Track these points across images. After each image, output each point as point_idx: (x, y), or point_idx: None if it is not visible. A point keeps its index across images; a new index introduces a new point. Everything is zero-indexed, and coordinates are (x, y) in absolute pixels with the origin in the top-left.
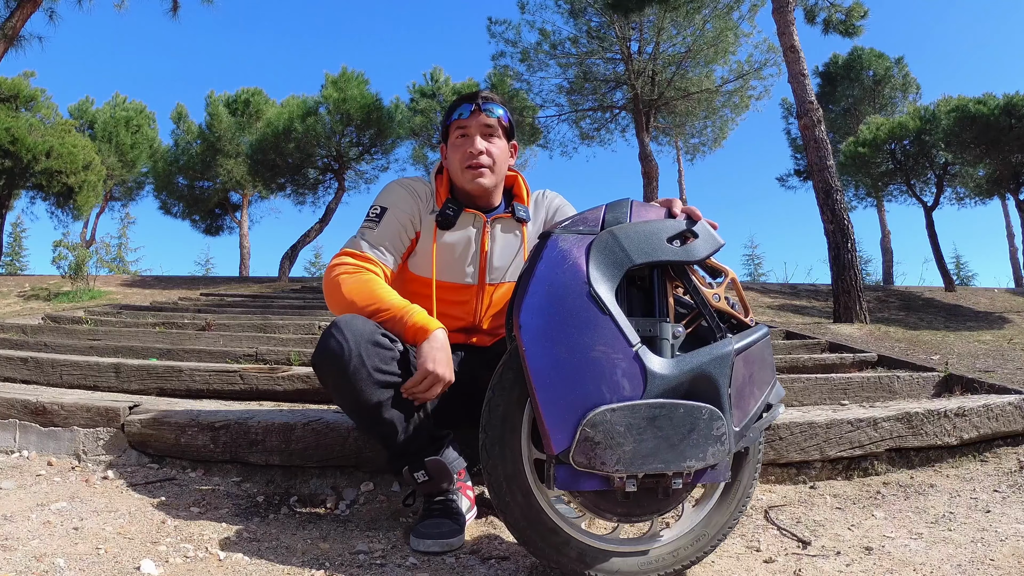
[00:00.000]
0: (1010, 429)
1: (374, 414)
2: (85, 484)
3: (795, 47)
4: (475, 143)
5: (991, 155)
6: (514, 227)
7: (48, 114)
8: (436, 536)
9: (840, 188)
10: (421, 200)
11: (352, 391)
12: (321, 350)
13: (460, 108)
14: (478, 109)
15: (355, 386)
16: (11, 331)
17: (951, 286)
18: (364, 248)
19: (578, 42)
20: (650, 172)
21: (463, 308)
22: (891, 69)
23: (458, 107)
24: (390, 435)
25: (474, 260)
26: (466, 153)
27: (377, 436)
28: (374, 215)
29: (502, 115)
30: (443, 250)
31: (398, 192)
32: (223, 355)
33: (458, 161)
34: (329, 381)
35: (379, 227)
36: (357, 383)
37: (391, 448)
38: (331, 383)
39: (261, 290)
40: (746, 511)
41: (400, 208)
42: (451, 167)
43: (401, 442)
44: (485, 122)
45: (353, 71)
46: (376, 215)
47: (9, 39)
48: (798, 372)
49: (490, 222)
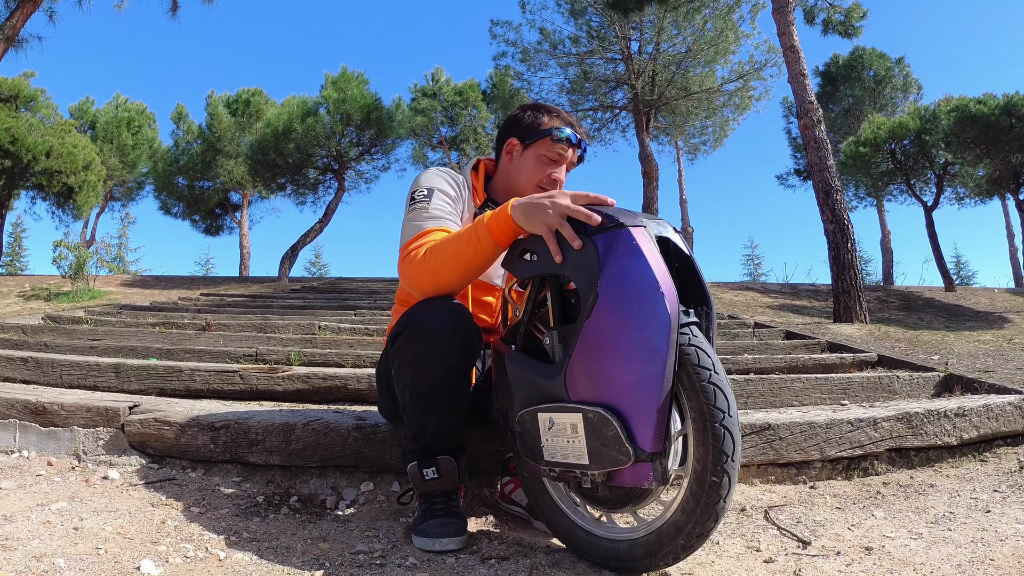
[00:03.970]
0: (1010, 429)
1: (439, 401)
2: (85, 484)
3: (795, 47)
4: (563, 174)
5: (991, 155)
6: None
7: (48, 114)
8: (445, 535)
9: (840, 188)
10: (461, 190)
11: (430, 373)
12: (420, 319)
13: (568, 131)
14: (580, 146)
15: (435, 371)
16: (11, 331)
17: (951, 286)
18: (427, 226)
19: (578, 42)
20: (650, 172)
21: (489, 310)
22: (892, 69)
23: (565, 126)
24: (438, 426)
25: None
26: (551, 179)
27: (423, 421)
28: (422, 196)
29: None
30: None
31: (439, 178)
32: (223, 355)
33: (537, 179)
34: (411, 353)
35: (432, 204)
36: (440, 368)
37: (426, 438)
38: (412, 355)
39: (261, 290)
40: (747, 511)
41: (446, 190)
42: (520, 173)
43: (440, 436)
44: (574, 160)
45: (353, 71)
46: (424, 196)
47: (9, 39)
48: (798, 372)
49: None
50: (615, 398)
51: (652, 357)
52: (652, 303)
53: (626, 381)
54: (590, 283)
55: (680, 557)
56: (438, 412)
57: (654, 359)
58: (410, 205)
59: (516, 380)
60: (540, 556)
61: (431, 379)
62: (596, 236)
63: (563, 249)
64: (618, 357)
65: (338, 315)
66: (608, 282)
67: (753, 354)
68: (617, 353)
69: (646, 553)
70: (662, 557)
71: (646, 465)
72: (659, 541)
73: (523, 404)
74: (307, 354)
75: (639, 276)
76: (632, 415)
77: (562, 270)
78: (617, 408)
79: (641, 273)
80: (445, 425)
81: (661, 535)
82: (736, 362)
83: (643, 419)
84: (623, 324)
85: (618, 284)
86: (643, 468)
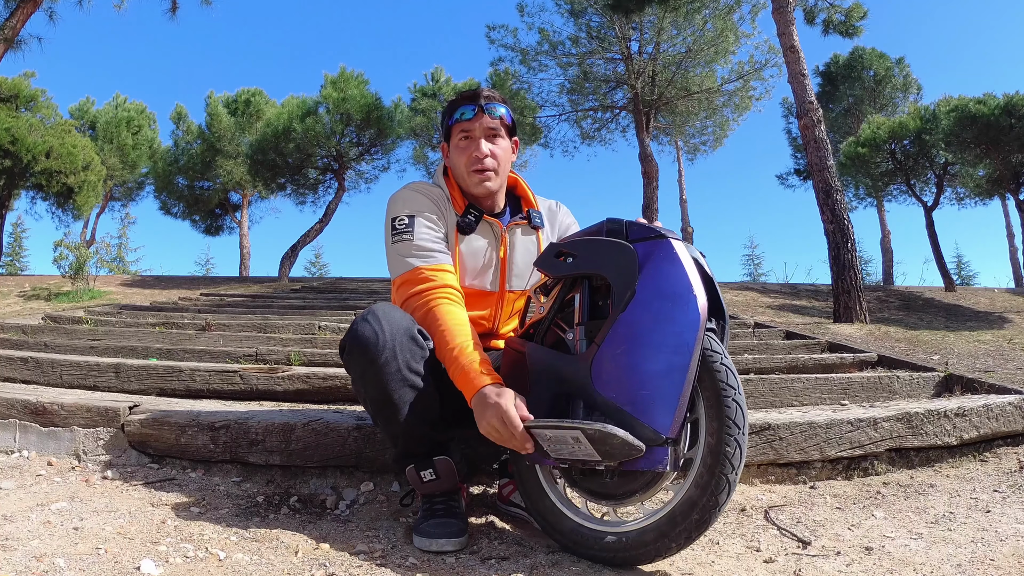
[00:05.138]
0: (1010, 429)
1: (394, 410)
2: (85, 484)
3: (795, 47)
4: (480, 147)
5: (991, 155)
6: (530, 233)
7: (48, 114)
8: (446, 535)
9: (840, 188)
10: (440, 205)
11: (378, 383)
12: (354, 335)
13: (461, 109)
14: (481, 111)
15: (382, 379)
16: (11, 331)
17: (951, 286)
18: (416, 263)
19: (578, 42)
20: (650, 172)
21: (483, 315)
22: (892, 69)
23: (459, 108)
24: (405, 433)
25: (495, 267)
26: (472, 157)
27: (391, 432)
28: (402, 225)
29: (504, 114)
30: (467, 256)
31: (415, 198)
32: (223, 355)
33: (464, 164)
34: (356, 368)
35: (415, 234)
36: (385, 376)
37: (401, 445)
38: (358, 371)
39: (261, 290)
40: (747, 511)
41: (425, 211)
42: (456, 169)
43: (414, 441)
44: (489, 124)
45: (352, 71)
46: (406, 225)
47: (9, 40)
48: (798, 372)
49: (507, 229)
50: (640, 385)
51: (680, 349)
52: (686, 303)
53: (653, 370)
54: (628, 282)
55: (693, 537)
56: (400, 418)
57: (682, 351)
58: (392, 233)
59: (539, 371)
60: (540, 556)
61: (381, 388)
62: (637, 244)
63: (601, 253)
64: (648, 347)
65: (338, 315)
66: (646, 282)
67: (753, 354)
68: (648, 343)
69: (658, 536)
70: (674, 537)
71: (663, 449)
72: (672, 521)
73: (542, 393)
74: (307, 354)
75: (676, 279)
76: (655, 401)
77: (600, 270)
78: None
79: (678, 276)
80: (413, 428)
81: (674, 514)
82: (736, 362)
83: (666, 405)
84: (657, 318)
85: (657, 284)
86: (659, 452)
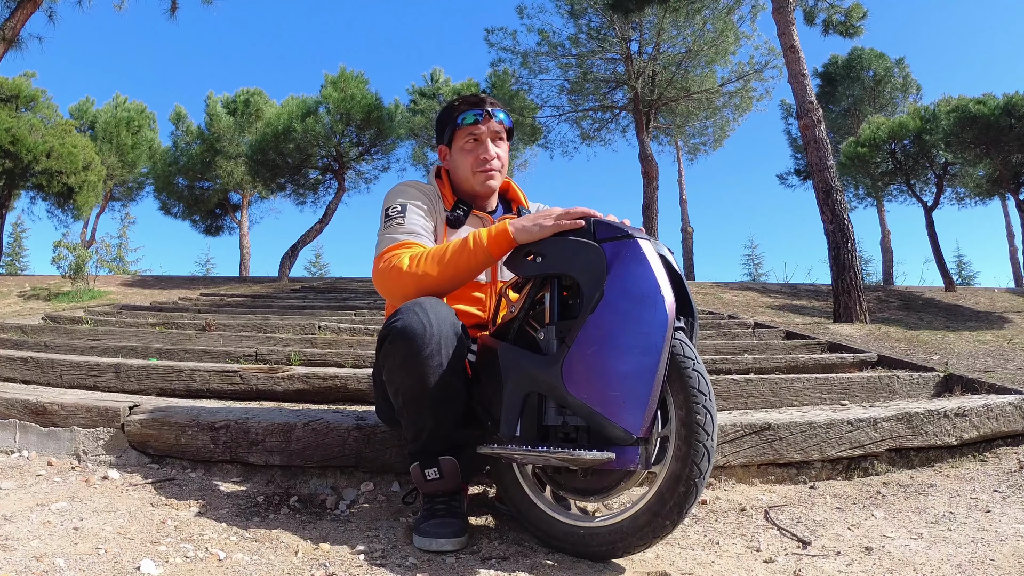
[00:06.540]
0: (1010, 429)
1: (428, 403)
2: (85, 484)
3: (795, 47)
4: (488, 149)
5: (991, 155)
6: None
7: (49, 114)
8: (445, 535)
9: (840, 188)
10: (432, 199)
11: (420, 374)
12: (402, 324)
13: (469, 113)
14: (488, 115)
15: (424, 370)
16: (11, 331)
17: (951, 286)
18: (403, 238)
19: (578, 42)
20: (650, 172)
21: (478, 306)
22: (891, 69)
23: (465, 111)
24: (432, 428)
25: None
26: (480, 158)
27: (418, 426)
28: (395, 212)
29: (505, 119)
30: None
31: (409, 191)
32: (223, 355)
33: (470, 165)
34: (397, 357)
35: (406, 219)
36: (428, 368)
37: (424, 441)
38: (398, 360)
39: (261, 290)
40: (747, 511)
41: (417, 202)
42: (459, 169)
43: (437, 438)
44: (494, 128)
45: (352, 71)
46: (398, 211)
47: (9, 40)
48: (798, 372)
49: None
50: (610, 386)
51: (649, 350)
52: (653, 303)
53: (623, 371)
54: (596, 283)
55: (685, 510)
56: (432, 413)
57: (650, 352)
58: (385, 221)
59: (509, 371)
60: (540, 556)
61: (421, 380)
62: (605, 244)
63: (569, 253)
64: (617, 349)
65: (338, 315)
66: (614, 283)
67: (753, 354)
68: (617, 345)
69: (651, 517)
70: (667, 515)
71: (633, 449)
72: (660, 500)
73: (514, 393)
74: (307, 354)
75: (644, 279)
76: (626, 401)
77: (569, 271)
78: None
79: (645, 277)
80: (441, 425)
81: (662, 493)
82: (736, 362)
83: (636, 405)
84: (625, 320)
85: (624, 285)
86: (631, 452)
